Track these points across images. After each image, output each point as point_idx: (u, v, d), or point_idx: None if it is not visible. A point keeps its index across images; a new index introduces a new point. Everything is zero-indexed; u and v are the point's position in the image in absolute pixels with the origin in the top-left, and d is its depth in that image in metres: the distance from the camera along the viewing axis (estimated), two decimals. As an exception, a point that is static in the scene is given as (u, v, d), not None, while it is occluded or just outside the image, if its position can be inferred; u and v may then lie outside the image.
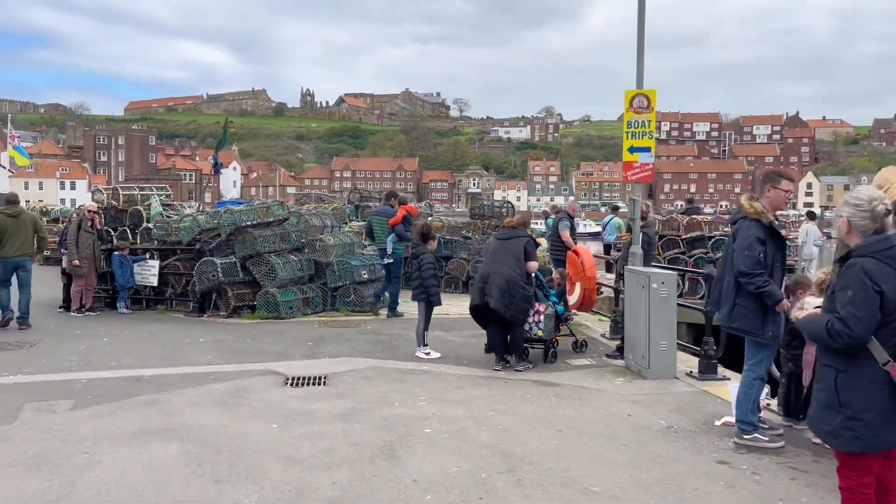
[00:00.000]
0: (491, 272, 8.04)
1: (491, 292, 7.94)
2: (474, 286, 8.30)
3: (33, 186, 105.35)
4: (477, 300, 8.11)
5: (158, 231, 12.64)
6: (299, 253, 12.40)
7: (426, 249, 8.85)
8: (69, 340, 9.76)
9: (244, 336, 10.16)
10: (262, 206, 12.24)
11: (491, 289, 7.95)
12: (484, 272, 8.15)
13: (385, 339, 10.05)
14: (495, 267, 8.07)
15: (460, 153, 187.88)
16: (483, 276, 8.12)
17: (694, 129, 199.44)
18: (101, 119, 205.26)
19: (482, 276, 8.13)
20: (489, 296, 7.94)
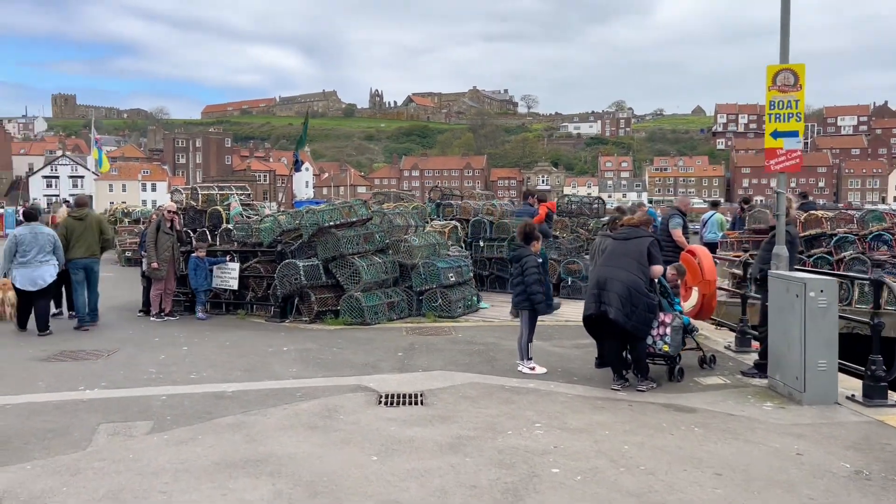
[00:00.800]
0: (608, 277, 7.04)
1: (609, 300, 6.94)
2: (588, 293, 7.30)
3: (117, 188, 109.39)
4: (592, 309, 7.12)
5: (238, 232, 12.11)
6: (383, 254, 11.66)
7: (529, 251, 7.90)
8: (148, 349, 9.25)
9: (329, 345, 9.45)
10: (344, 206, 11.54)
11: (609, 296, 6.96)
12: (600, 277, 7.15)
13: (480, 349, 9.16)
14: (613, 271, 7.07)
15: (528, 150, 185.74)
16: (599, 281, 7.13)
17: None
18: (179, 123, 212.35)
19: (597, 282, 7.14)
20: (607, 304, 6.94)
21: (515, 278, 7.93)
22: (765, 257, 7.66)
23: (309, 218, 11.21)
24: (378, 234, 11.65)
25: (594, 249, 8.31)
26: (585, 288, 13.88)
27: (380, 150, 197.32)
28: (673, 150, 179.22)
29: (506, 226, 14.78)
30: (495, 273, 14.89)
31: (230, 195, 13.21)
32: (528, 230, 7.94)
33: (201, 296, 11.88)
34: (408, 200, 16.96)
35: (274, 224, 11.72)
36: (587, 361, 8.41)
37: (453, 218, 15.47)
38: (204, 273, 11.81)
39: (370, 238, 11.53)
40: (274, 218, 11.84)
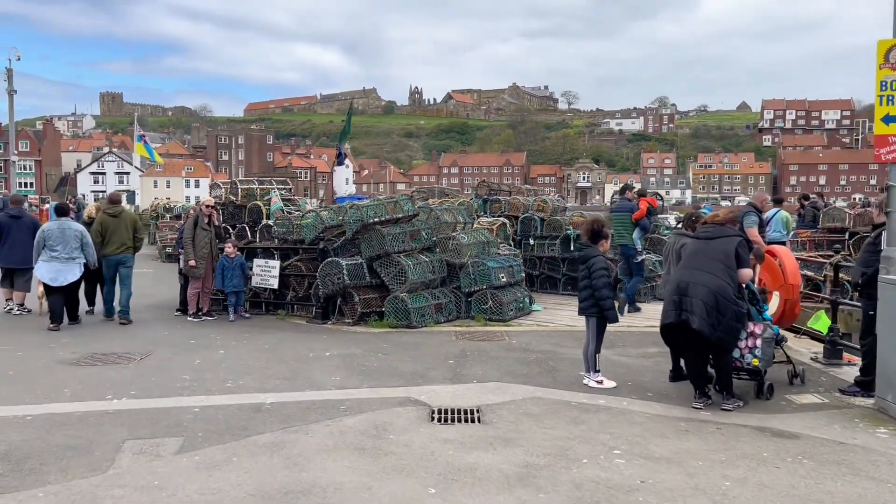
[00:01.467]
0: (691, 282, 6.22)
1: (692, 308, 6.12)
2: (667, 299, 6.48)
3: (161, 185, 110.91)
4: (672, 318, 6.30)
5: (279, 229, 11.54)
6: (430, 253, 10.96)
7: (597, 251, 7.11)
8: (182, 352, 8.69)
9: (374, 350, 8.79)
10: (389, 201, 10.87)
11: (692, 303, 6.14)
12: (680, 281, 6.33)
13: (538, 357, 8.40)
14: (697, 275, 6.25)
15: (569, 146, 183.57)
16: (679, 286, 6.31)
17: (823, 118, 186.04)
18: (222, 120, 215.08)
19: (678, 287, 6.32)
20: (689, 312, 6.13)
21: (582, 281, 7.14)
22: (867, 260, 6.75)
23: (353, 214, 10.57)
24: (425, 232, 10.96)
25: (668, 250, 7.49)
26: (643, 290, 13.12)
27: (419, 148, 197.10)
28: (718, 146, 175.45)
29: (558, 223, 13.98)
30: (546, 273, 14.09)
31: (271, 190, 12.65)
32: (595, 227, 7.15)
33: (232, 297, 11.11)
34: (452, 196, 16.23)
35: (316, 220, 11.11)
36: (660, 374, 7.62)
37: (501, 214, 14.72)
38: (231, 273, 10.96)
39: (416, 235, 10.85)
40: (316, 214, 11.23)
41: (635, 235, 11.43)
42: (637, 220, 11.33)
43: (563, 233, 13.75)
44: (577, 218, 13.91)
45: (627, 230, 11.51)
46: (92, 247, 10.39)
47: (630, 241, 11.43)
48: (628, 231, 11.51)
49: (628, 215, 11.56)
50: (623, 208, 11.69)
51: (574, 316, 11.33)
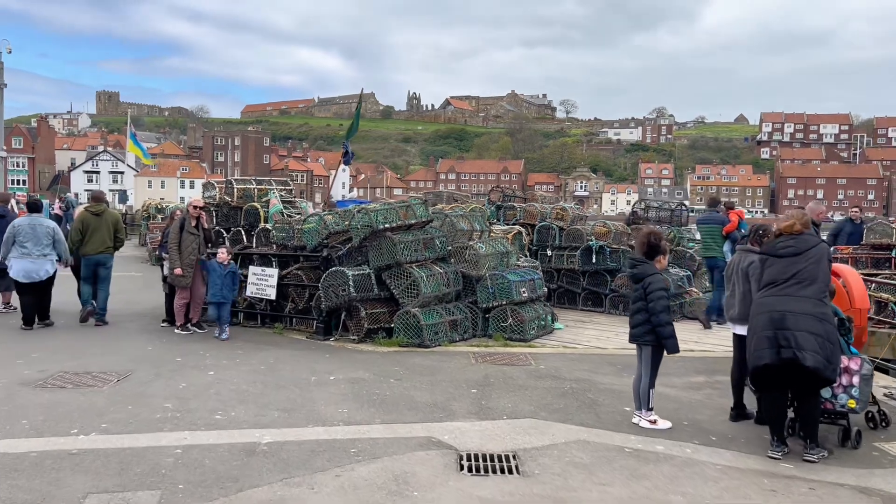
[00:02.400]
0: (787, 311, 5.20)
1: (799, 343, 5.09)
2: (756, 334, 5.40)
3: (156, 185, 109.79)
4: (770, 357, 5.24)
5: (278, 233, 10.50)
6: (444, 263, 9.93)
7: (654, 269, 6.08)
8: (166, 373, 7.63)
9: (385, 373, 7.74)
10: (401, 206, 9.84)
11: (796, 338, 5.10)
12: (773, 311, 5.27)
13: (573, 387, 7.36)
14: (791, 302, 5.23)
15: (567, 155, 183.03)
16: (773, 318, 5.25)
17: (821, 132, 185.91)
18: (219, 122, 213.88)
19: (771, 319, 5.27)
20: (797, 348, 5.08)
21: (635, 303, 6.11)
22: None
23: (361, 219, 9.53)
24: (439, 240, 9.94)
25: (731, 270, 6.46)
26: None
27: (416, 153, 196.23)
28: (716, 158, 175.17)
29: (578, 232, 12.97)
30: (565, 286, 13.07)
31: (269, 191, 11.61)
32: (652, 240, 6.11)
33: (213, 310, 9.73)
34: (462, 202, 15.21)
35: (319, 225, 10.08)
36: (717, 410, 6.62)
37: (516, 222, 13.71)
38: (221, 283, 9.63)
39: (430, 244, 9.82)
40: (319, 218, 10.20)
41: (725, 248, 11.36)
42: (728, 232, 11.32)
43: (583, 243, 12.74)
44: (599, 228, 12.90)
45: (717, 243, 11.46)
46: (64, 243, 10.15)
47: (720, 253, 11.41)
48: (718, 244, 11.46)
49: (719, 228, 11.47)
50: (714, 220, 11.66)
51: (602, 336, 10.36)
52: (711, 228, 11.60)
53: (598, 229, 12.86)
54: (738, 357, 6.42)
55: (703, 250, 11.79)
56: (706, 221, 11.82)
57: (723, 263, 11.25)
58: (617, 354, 9.08)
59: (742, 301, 6.15)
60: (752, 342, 5.50)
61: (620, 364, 8.49)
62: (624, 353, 9.20)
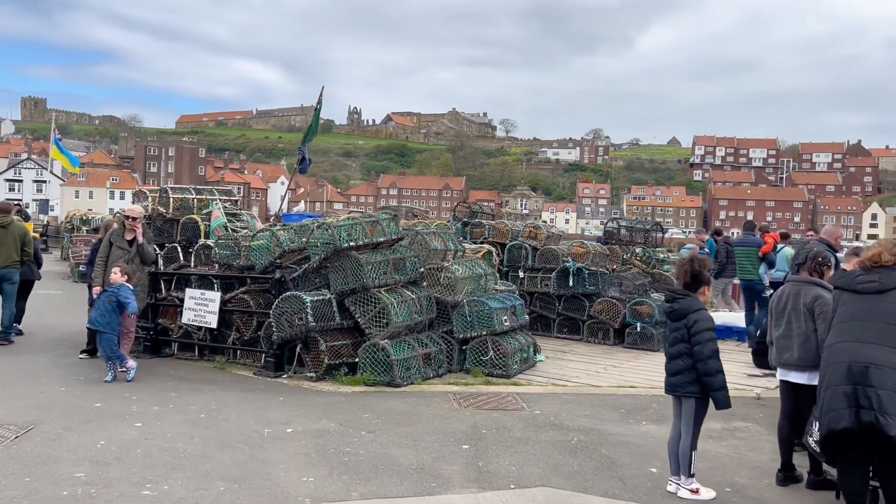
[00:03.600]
0: (871, 364, 4.17)
1: (885, 406, 4.06)
2: (832, 388, 4.35)
3: (83, 195, 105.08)
4: (849, 420, 4.19)
5: (221, 251, 9.05)
6: (416, 288, 8.67)
7: (699, 304, 4.96)
8: (80, 425, 6.12)
9: (354, 423, 6.41)
10: (368, 220, 8.53)
11: (883, 399, 4.07)
12: (853, 363, 4.25)
13: (582, 441, 6.19)
14: (875, 352, 4.21)
15: (508, 173, 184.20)
16: (853, 370, 4.23)
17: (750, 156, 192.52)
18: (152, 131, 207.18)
19: (849, 372, 4.24)
20: (883, 412, 4.05)
21: (674, 345, 4.97)
22: None
23: (321, 235, 8.18)
24: (410, 261, 8.68)
25: (780, 304, 5.40)
26: (657, 336, 11.17)
27: (357, 168, 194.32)
28: (650, 179, 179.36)
29: (553, 253, 11.90)
30: (538, 312, 11.95)
31: (211, 202, 10.14)
32: (695, 268, 4.99)
33: (105, 343, 7.75)
34: (423, 218, 13.99)
35: (270, 242, 8.68)
36: (755, 470, 5.58)
37: (484, 241, 12.56)
38: (104, 309, 7.75)
39: (400, 265, 8.55)
40: (271, 233, 8.79)
41: (762, 271, 11.65)
42: (765, 254, 11.69)
43: (559, 265, 11.68)
44: (576, 248, 11.86)
45: (754, 265, 11.72)
46: None
47: (757, 275, 11.70)
48: (755, 266, 11.71)
49: (755, 250, 11.75)
50: (751, 243, 12.01)
51: (590, 371, 9.26)
52: (749, 251, 11.87)
53: (574, 249, 11.82)
54: (790, 409, 5.37)
55: (740, 272, 12.04)
56: (743, 244, 12.24)
57: (760, 286, 11.61)
58: (614, 394, 7.98)
59: (804, 344, 5.10)
60: (826, 399, 4.45)
61: (623, 407, 7.38)
62: (620, 392, 8.13)
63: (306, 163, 11.77)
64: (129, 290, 7.87)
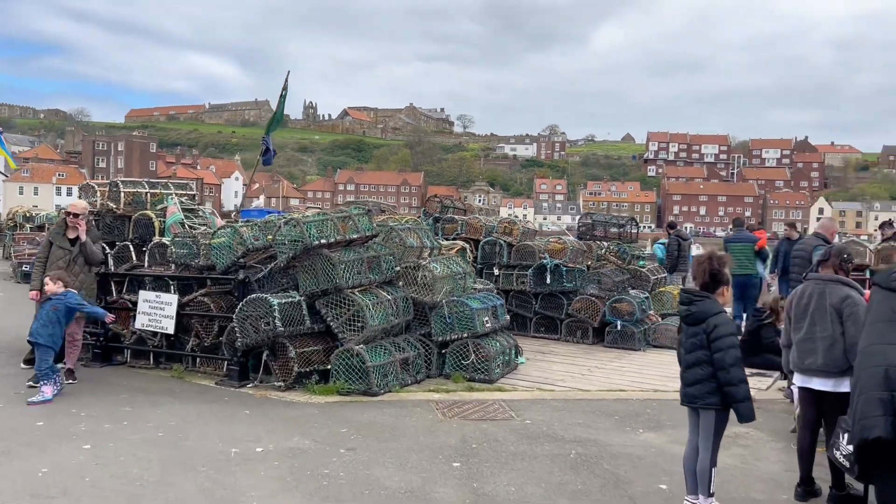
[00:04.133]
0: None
1: None
2: (866, 394, 3.96)
3: (28, 191, 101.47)
4: (884, 427, 3.80)
5: (178, 249, 8.34)
6: (392, 288, 8.09)
7: (718, 307, 4.51)
8: (21, 448, 5.40)
9: (331, 439, 5.82)
10: (339, 216, 7.90)
11: None
12: (890, 367, 3.86)
13: (580, 453, 5.70)
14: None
15: (466, 169, 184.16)
16: (889, 376, 3.83)
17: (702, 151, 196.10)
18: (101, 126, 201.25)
19: (888, 377, 3.84)
20: None
21: (691, 352, 4.50)
22: None
23: (289, 232, 7.54)
24: (385, 259, 8.09)
25: (798, 304, 4.98)
26: (637, 335, 10.80)
27: (313, 163, 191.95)
28: (606, 175, 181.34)
29: (529, 249, 11.43)
30: (514, 310, 11.46)
31: (166, 196, 9.39)
32: (715, 266, 4.52)
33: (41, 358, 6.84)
34: (391, 213, 13.38)
35: (233, 239, 8.00)
36: (769, 483, 5.20)
37: (457, 237, 12.03)
38: (46, 319, 6.93)
39: (375, 264, 7.96)
40: (233, 230, 8.11)
41: (758, 267, 11.93)
42: (760, 249, 12.00)
43: (536, 261, 11.22)
44: (554, 244, 11.41)
45: (751, 261, 11.94)
46: None
47: (754, 270, 11.94)
48: (751, 262, 11.94)
49: (751, 245, 11.98)
50: (745, 239, 12.23)
51: (574, 373, 8.80)
52: (744, 247, 12.03)
53: (552, 245, 11.37)
54: (812, 419, 4.97)
55: (738, 268, 11.73)
56: (737, 240, 12.33)
57: (759, 280, 11.95)
58: (604, 399, 7.53)
59: (830, 348, 4.69)
60: (859, 405, 4.04)
61: (616, 414, 6.94)
62: (610, 396, 7.70)
63: (270, 154, 11.03)
64: (76, 296, 7.12)
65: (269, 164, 11.27)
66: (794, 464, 5.51)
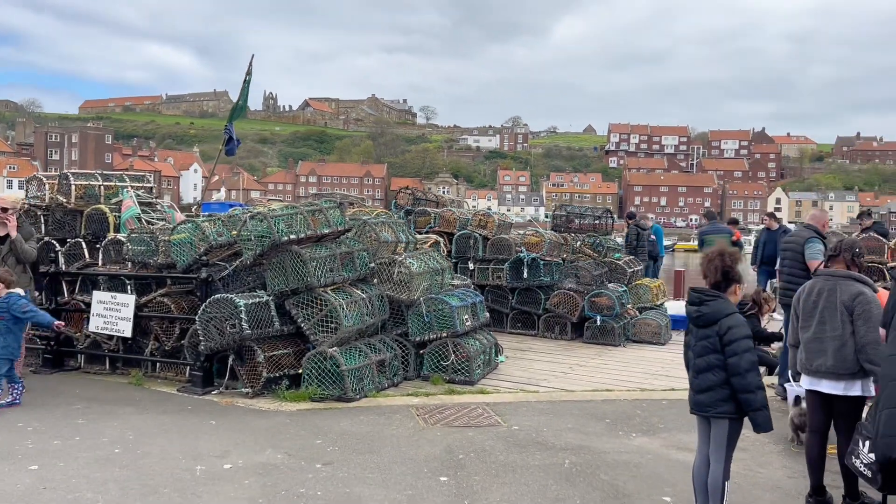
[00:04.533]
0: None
1: None
2: (890, 412, 3.65)
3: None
4: None
5: (135, 247, 7.76)
6: (366, 286, 7.64)
7: (731, 307, 4.16)
8: (-43, 474, 4.84)
9: (306, 452, 5.36)
10: (310, 209, 7.40)
11: None
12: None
13: (574, 462, 5.34)
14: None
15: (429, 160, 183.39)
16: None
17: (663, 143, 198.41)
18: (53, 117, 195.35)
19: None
20: None
21: (702, 356, 4.15)
22: None
23: (255, 227, 7.03)
24: (359, 255, 7.63)
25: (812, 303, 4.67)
26: (617, 331, 10.50)
27: (274, 154, 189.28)
28: (568, 166, 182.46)
29: (505, 243, 11.06)
30: (490, 305, 11.06)
31: (121, 189, 8.77)
32: (727, 263, 4.18)
33: None
34: (359, 206, 12.90)
35: (194, 235, 7.45)
36: (778, 492, 4.92)
37: (430, 230, 11.60)
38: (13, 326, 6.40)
39: (348, 260, 7.49)
40: (194, 225, 7.55)
41: None
42: (737, 240, 12.45)
43: (512, 255, 10.86)
44: (530, 237, 11.05)
45: None
46: None
47: None
48: None
49: (728, 236, 12.25)
50: (721, 230, 12.67)
51: (557, 371, 8.46)
52: (721, 238, 11.94)
53: (529, 238, 11.01)
54: (821, 423, 4.69)
55: None
56: (713, 232, 12.62)
57: None
58: (592, 400, 7.20)
59: (840, 349, 4.40)
60: (882, 421, 3.76)
61: (606, 417, 6.60)
62: (598, 397, 7.37)
63: (234, 143, 10.42)
64: (21, 299, 6.51)
65: (232, 154, 10.67)
66: (797, 469, 5.26)
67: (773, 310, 9.69)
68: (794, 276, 7.21)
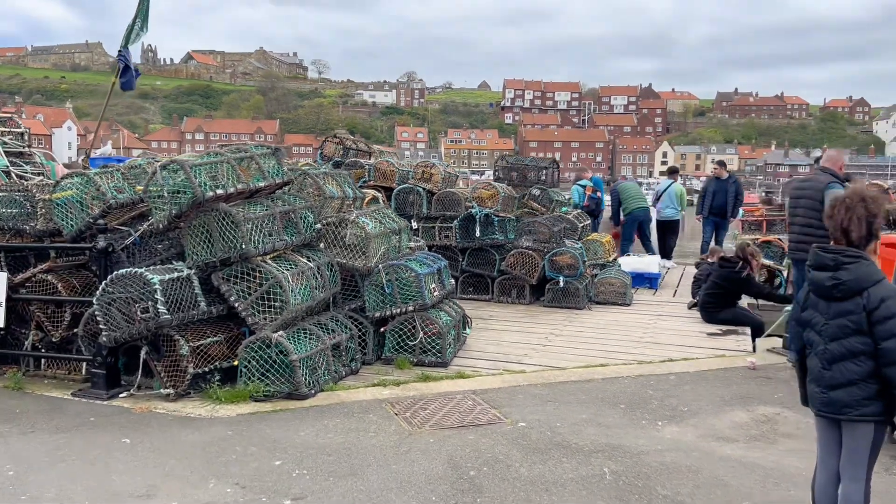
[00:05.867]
0: None
1: None
2: None
3: None
4: None
5: (4, 209, 5.92)
6: (314, 252, 6.17)
7: (879, 272, 3.01)
8: None
9: (266, 483, 3.96)
10: (238, 157, 5.80)
11: None
12: None
13: (615, 471, 4.21)
14: None
15: (324, 117, 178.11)
16: None
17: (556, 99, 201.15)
18: None
19: None
20: None
21: (842, 339, 3.03)
22: None
23: (168, 180, 5.37)
24: (302, 214, 6.12)
25: None
26: (582, 292, 9.48)
27: (157, 110, 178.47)
28: (465, 122, 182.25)
29: (452, 198, 9.75)
30: (437, 270, 9.78)
31: (-20, 135, 6.80)
32: (872, 212, 3.01)
33: None
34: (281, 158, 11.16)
35: (85, 192, 5.71)
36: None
37: (364, 185, 10.12)
38: None
39: (289, 221, 5.98)
40: (85, 179, 5.79)
41: None
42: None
43: (462, 212, 9.60)
44: (482, 191, 9.78)
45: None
46: None
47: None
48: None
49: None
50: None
51: (534, 344, 7.30)
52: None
53: (480, 192, 9.73)
54: None
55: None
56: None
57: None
58: (591, 379, 6.11)
59: None
60: None
61: (619, 401, 5.52)
62: (597, 375, 6.29)
63: (132, 74, 8.43)
64: None
65: (130, 88, 8.62)
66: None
67: (760, 265, 8.95)
68: (811, 227, 6.32)
